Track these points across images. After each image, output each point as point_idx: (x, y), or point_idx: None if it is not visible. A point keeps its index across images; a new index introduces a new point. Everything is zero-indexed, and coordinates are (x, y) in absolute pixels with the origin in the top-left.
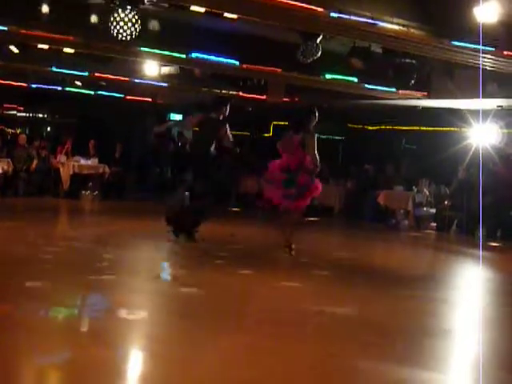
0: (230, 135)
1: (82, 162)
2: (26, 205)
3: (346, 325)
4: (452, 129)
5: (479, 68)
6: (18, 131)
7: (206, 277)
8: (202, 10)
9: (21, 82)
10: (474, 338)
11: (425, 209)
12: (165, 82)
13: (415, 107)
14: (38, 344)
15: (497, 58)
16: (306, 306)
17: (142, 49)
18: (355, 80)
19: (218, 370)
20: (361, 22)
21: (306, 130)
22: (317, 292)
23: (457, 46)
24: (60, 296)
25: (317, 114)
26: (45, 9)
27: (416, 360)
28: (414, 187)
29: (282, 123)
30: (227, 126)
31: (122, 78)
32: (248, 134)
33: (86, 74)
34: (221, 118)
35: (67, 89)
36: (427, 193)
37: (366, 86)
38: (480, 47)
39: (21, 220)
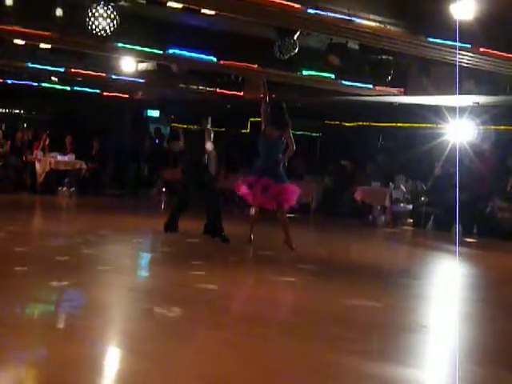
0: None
1: (59, 157)
2: (1, 201)
3: (322, 321)
4: (428, 125)
5: (456, 65)
6: None
7: (179, 273)
8: (180, 5)
9: None
10: (451, 333)
11: (402, 205)
12: (142, 78)
13: (392, 103)
14: (13, 341)
15: (473, 55)
16: (281, 302)
17: (118, 44)
18: (332, 76)
19: (194, 366)
20: (337, 18)
21: (284, 125)
22: (292, 288)
23: (433, 43)
24: (35, 292)
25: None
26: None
27: (393, 355)
28: (390, 183)
29: (260, 119)
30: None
31: (99, 74)
32: (224, 130)
33: (62, 69)
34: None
35: (43, 84)
36: (404, 189)
37: (343, 82)
38: (456, 44)
39: None
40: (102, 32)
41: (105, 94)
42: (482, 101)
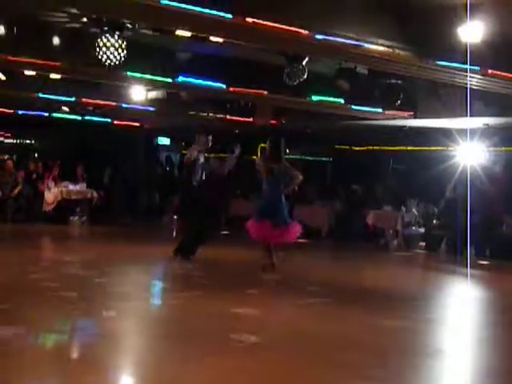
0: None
1: (70, 187)
2: (14, 231)
3: (338, 346)
4: (439, 148)
5: (465, 87)
6: (5, 157)
7: (193, 299)
8: (188, 34)
9: (8, 108)
10: (466, 357)
11: (414, 228)
12: (152, 107)
13: (402, 127)
14: (28, 370)
15: (482, 77)
16: (296, 328)
17: (128, 73)
18: (342, 101)
19: None
20: (346, 43)
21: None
22: (307, 313)
23: (442, 66)
24: (50, 322)
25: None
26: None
27: (409, 380)
28: (402, 207)
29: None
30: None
31: (109, 103)
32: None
33: (73, 99)
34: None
35: (54, 114)
36: (416, 212)
37: (353, 107)
38: (466, 66)
39: (8, 247)
40: (112, 61)
41: (115, 122)
42: (491, 123)
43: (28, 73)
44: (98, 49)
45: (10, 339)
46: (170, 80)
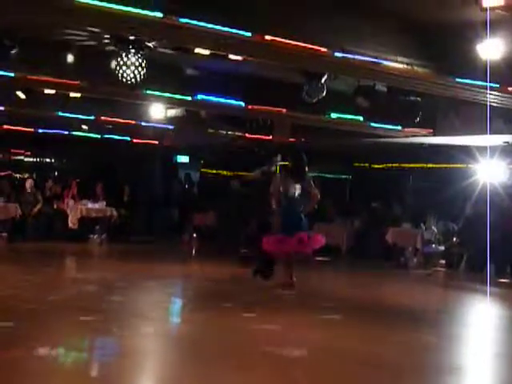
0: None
1: (90, 205)
2: (34, 249)
3: (359, 364)
4: (459, 165)
5: (485, 104)
6: (26, 176)
7: (213, 318)
8: (207, 52)
9: (28, 127)
10: (486, 375)
11: (433, 246)
12: (171, 125)
13: (421, 144)
14: None
15: (502, 95)
16: (316, 346)
17: (147, 92)
18: (361, 119)
19: None
20: (365, 61)
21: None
22: (327, 331)
23: (461, 83)
24: (69, 340)
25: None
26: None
27: None
28: (422, 224)
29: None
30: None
31: (129, 121)
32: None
33: (92, 117)
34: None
35: (74, 133)
36: (435, 230)
37: (372, 124)
38: (486, 84)
39: (29, 265)
40: (131, 80)
41: (135, 140)
42: (511, 140)
43: (48, 91)
44: (117, 67)
45: (30, 358)
46: (189, 98)
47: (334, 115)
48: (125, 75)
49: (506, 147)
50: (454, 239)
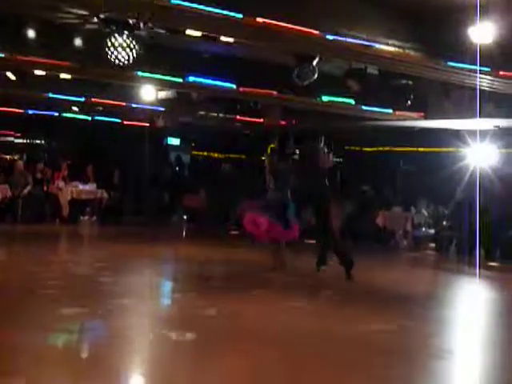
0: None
1: (80, 187)
2: (24, 231)
3: (347, 346)
4: (449, 149)
5: (476, 88)
6: (16, 157)
7: (206, 299)
8: (198, 34)
9: (18, 108)
10: (475, 359)
11: (423, 229)
12: (162, 107)
13: (412, 128)
14: (37, 371)
15: (493, 78)
16: (307, 327)
17: (138, 73)
18: (352, 102)
19: None
20: (356, 43)
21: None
22: (317, 312)
23: (452, 67)
24: (60, 322)
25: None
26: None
27: (417, 381)
28: (412, 208)
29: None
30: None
31: (119, 103)
32: (244, 157)
33: (83, 99)
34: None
35: (64, 114)
36: (425, 213)
37: (363, 107)
38: (476, 67)
39: (19, 246)
40: (122, 62)
41: (125, 122)
42: (502, 124)
43: (38, 73)
44: (107, 49)
45: (19, 339)
46: (180, 80)
47: (325, 98)
48: (114, 56)
49: (497, 131)
50: (444, 223)
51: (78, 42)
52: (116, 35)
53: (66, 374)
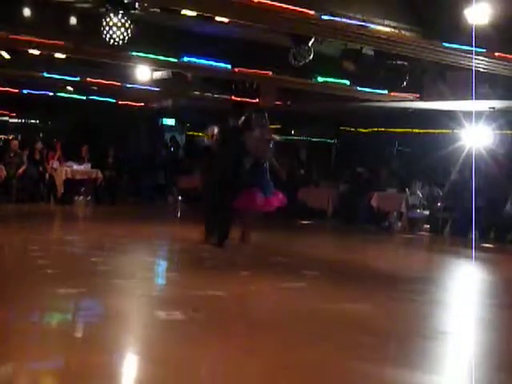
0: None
1: (75, 167)
2: (19, 211)
3: (340, 326)
4: (444, 130)
5: (471, 69)
6: (10, 137)
7: (198, 280)
8: (194, 13)
9: (13, 87)
10: (469, 339)
11: (418, 211)
12: (157, 87)
13: (407, 109)
14: (31, 350)
15: (488, 60)
16: (299, 308)
17: (133, 53)
18: (347, 82)
19: (212, 372)
20: (352, 24)
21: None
22: (310, 294)
23: (448, 48)
24: (54, 301)
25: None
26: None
27: (410, 362)
28: (407, 189)
29: (274, 126)
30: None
31: (114, 83)
32: None
33: (78, 79)
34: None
35: (59, 94)
36: (420, 195)
37: (358, 88)
38: (472, 48)
39: (13, 226)
40: (117, 41)
41: (120, 102)
42: (497, 106)
43: (32, 52)
44: (102, 28)
45: (13, 319)
46: (175, 60)
47: (320, 79)
48: (109, 36)
49: (492, 113)
50: (439, 204)
51: (73, 21)
52: (111, 14)
53: (59, 352)
